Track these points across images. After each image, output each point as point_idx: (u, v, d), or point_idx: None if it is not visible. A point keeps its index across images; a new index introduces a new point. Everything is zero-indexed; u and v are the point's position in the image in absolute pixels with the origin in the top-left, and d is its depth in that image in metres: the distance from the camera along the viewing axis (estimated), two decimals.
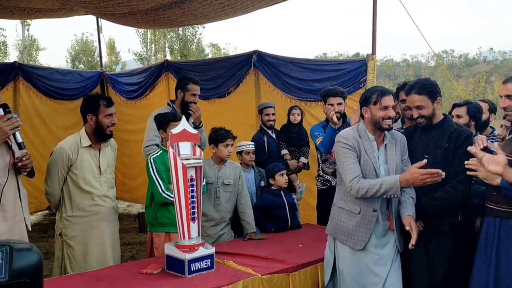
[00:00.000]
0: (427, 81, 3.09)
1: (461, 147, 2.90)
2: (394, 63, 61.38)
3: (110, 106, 3.43)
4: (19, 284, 1.68)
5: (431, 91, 3.01)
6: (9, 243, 1.72)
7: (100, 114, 3.39)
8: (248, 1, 4.93)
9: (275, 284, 3.05)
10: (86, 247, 3.38)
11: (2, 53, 26.89)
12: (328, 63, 5.85)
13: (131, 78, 7.79)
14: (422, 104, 3.00)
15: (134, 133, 7.35)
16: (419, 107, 3.01)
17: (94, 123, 3.40)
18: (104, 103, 3.41)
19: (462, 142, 2.92)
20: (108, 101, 3.45)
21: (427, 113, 3.01)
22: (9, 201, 2.85)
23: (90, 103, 3.42)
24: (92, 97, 3.50)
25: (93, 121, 3.40)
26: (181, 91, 4.38)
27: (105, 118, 3.40)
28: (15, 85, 6.92)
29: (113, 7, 5.10)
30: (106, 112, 3.40)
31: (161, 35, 29.04)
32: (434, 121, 3.05)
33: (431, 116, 3.02)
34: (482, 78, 44.98)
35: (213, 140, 3.93)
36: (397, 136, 3.06)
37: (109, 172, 3.54)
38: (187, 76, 4.78)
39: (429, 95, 3.00)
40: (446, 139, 2.97)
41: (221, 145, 3.89)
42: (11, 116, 2.78)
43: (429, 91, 3.00)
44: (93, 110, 3.39)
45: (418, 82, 3.08)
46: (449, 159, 2.93)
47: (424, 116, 3.02)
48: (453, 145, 2.94)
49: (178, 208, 2.95)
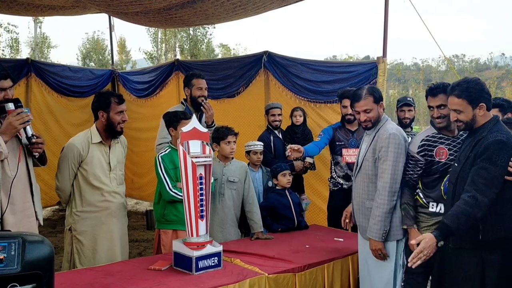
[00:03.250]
0: (472, 83, 2.74)
1: (482, 154, 2.64)
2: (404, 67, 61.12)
3: (121, 104, 3.46)
4: (31, 275, 1.71)
5: (472, 96, 2.70)
6: (21, 235, 1.76)
7: (111, 111, 3.42)
8: (259, 2, 4.95)
9: (281, 284, 3.06)
10: (95, 242, 3.42)
11: (14, 50, 27.14)
12: (338, 65, 5.84)
13: (142, 77, 7.84)
14: (459, 109, 2.74)
15: (144, 131, 7.39)
16: (457, 111, 2.76)
17: (105, 120, 3.43)
18: (115, 100, 3.44)
19: (484, 149, 2.64)
20: (119, 99, 3.48)
21: (465, 118, 2.74)
22: (18, 194, 2.88)
23: (102, 100, 3.45)
24: (104, 94, 3.54)
25: (104, 118, 3.43)
26: (187, 88, 4.44)
27: (116, 115, 3.43)
28: (27, 81, 6.99)
29: (126, 6, 5.14)
30: (117, 109, 3.43)
31: (171, 34, 29.15)
32: (475, 126, 2.78)
33: (470, 122, 2.75)
34: (493, 83, 44.66)
35: (215, 138, 3.94)
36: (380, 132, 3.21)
37: (119, 168, 3.57)
38: (190, 72, 4.83)
39: (469, 100, 2.71)
40: (471, 147, 2.73)
41: (223, 142, 3.90)
42: (21, 111, 2.80)
43: (469, 96, 2.71)
44: (104, 107, 3.42)
45: (461, 84, 2.76)
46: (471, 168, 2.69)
47: (462, 121, 2.76)
48: (476, 153, 2.69)
49: (187, 206, 2.97)
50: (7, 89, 2.81)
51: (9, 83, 2.84)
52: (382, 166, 3.13)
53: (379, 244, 3.13)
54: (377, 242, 3.13)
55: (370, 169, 3.19)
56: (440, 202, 3.06)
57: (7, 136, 2.75)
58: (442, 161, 3.05)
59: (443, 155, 3.06)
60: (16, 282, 1.67)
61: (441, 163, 3.05)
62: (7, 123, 2.76)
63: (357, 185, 3.32)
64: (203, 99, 4.36)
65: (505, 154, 2.59)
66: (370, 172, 3.20)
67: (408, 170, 3.15)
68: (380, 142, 3.16)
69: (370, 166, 3.20)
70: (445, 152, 3.06)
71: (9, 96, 2.83)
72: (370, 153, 3.20)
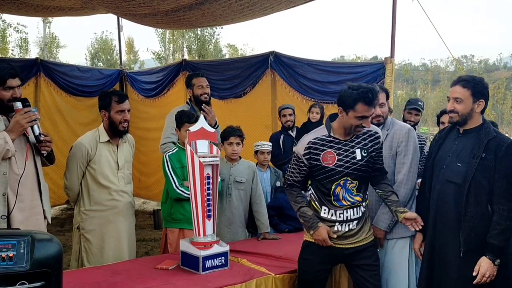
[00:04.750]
0: (479, 79, 2.81)
1: (503, 160, 2.63)
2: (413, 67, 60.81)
3: (122, 103, 3.44)
4: (40, 273, 1.73)
5: (477, 89, 2.73)
6: (31, 233, 1.78)
7: (112, 110, 3.42)
8: (267, 3, 4.95)
9: (288, 284, 3.06)
10: (103, 241, 3.44)
11: (24, 49, 27.34)
12: (345, 65, 5.86)
13: (150, 77, 7.87)
14: (461, 97, 2.73)
15: (151, 131, 7.42)
16: (457, 99, 2.75)
17: (107, 119, 3.45)
18: (115, 100, 3.43)
19: (505, 153, 2.63)
20: (120, 98, 3.46)
21: (463, 110, 2.74)
22: (26, 192, 2.91)
23: (103, 100, 3.47)
24: (105, 94, 3.55)
25: (106, 117, 3.45)
26: (189, 89, 4.49)
27: (117, 114, 3.42)
28: (36, 81, 7.04)
29: (134, 8, 5.17)
30: (117, 108, 3.42)
31: (179, 35, 29.21)
32: (470, 125, 2.79)
33: (466, 115, 2.75)
34: (502, 84, 44.31)
35: (221, 138, 3.96)
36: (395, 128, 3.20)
37: (127, 167, 3.59)
38: (190, 73, 4.88)
39: (473, 92, 2.72)
40: (482, 147, 2.67)
41: (226, 143, 3.90)
42: (28, 110, 2.83)
43: (474, 87, 2.73)
44: (105, 106, 3.44)
45: (469, 77, 2.81)
46: (490, 171, 2.65)
47: (458, 113, 2.76)
48: (492, 155, 2.65)
49: (194, 205, 2.98)
50: (15, 88, 2.84)
51: (17, 82, 2.86)
52: (402, 160, 3.13)
53: (382, 233, 3.13)
54: (382, 231, 3.12)
55: (387, 166, 3.13)
56: (332, 208, 2.88)
57: (14, 134, 2.79)
58: (329, 167, 2.81)
59: (330, 160, 2.82)
60: (25, 279, 1.69)
61: (328, 169, 2.82)
62: (14, 121, 2.80)
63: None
64: (206, 97, 4.41)
65: None
66: (387, 169, 3.14)
67: (293, 171, 2.94)
68: (398, 138, 3.17)
69: (387, 163, 3.13)
70: (333, 157, 2.82)
71: (17, 95, 2.85)
72: (386, 150, 3.16)
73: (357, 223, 2.89)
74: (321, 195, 2.90)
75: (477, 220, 2.68)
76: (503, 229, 2.63)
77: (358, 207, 2.88)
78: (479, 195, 2.67)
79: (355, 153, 2.84)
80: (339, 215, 2.86)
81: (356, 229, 2.89)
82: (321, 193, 2.90)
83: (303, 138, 2.95)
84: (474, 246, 2.69)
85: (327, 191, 2.86)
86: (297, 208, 2.95)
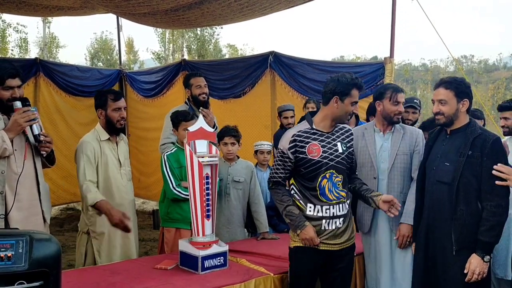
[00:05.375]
0: (460, 79, 2.89)
1: (489, 156, 2.68)
2: (412, 67, 60.74)
3: (118, 101, 3.45)
4: (38, 273, 1.72)
5: (460, 89, 2.81)
6: (29, 233, 1.77)
7: (108, 109, 3.43)
8: (266, 3, 4.95)
9: (287, 284, 3.06)
10: (114, 239, 3.42)
11: (23, 49, 27.32)
12: (345, 65, 5.87)
13: (149, 77, 7.88)
14: (445, 99, 2.81)
15: (150, 131, 7.43)
16: (442, 101, 2.82)
17: (104, 117, 3.45)
18: (111, 98, 3.43)
19: (490, 150, 2.68)
20: (115, 96, 3.47)
21: (448, 111, 2.81)
22: (25, 192, 2.90)
23: (99, 98, 3.47)
24: (101, 92, 3.55)
25: (102, 115, 3.45)
26: (187, 89, 4.50)
27: (113, 112, 3.43)
28: (35, 81, 7.05)
29: (134, 7, 5.17)
30: (114, 106, 3.43)
31: (179, 35, 29.20)
32: (456, 125, 2.85)
33: (452, 116, 2.82)
34: (502, 84, 44.26)
35: (217, 138, 3.95)
36: (409, 129, 3.36)
37: (127, 164, 3.60)
38: (187, 73, 4.87)
39: (456, 93, 2.80)
40: (468, 145, 2.73)
41: (221, 143, 3.90)
42: (27, 109, 2.83)
43: (457, 88, 2.80)
44: (102, 105, 3.44)
45: (450, 78, 2.89)
46: (477, 168, 2.70)
47: (443, 114, 2.83)
48: (478, 152, 2.70)
49: (193, 205, 2.98)
50: (14, 88, 2.84)
51: (17, 82, 2.86)
52: (420, 159, 3.21)
53: (411, 228, 3.15)
54: (410, 226, 3.15)
55: (408, 163, 3.28)
56: (318, 204, 2.85)
57: (12, 133, 2.78)
58: (315, 159, 2.82)
59: (315, 152, 2.83)
60: (24, 279, 1.69)
61: (314, 161, 2.82)
62: (12, 120, 2.80)
63: (391, 182, 3.29)
64: (204, 96, 4.42)
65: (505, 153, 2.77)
66: (406, 166, 3.28)
67: (278, 168, 2.92)
68: (415, 137, 3.32)
69: (407, 160, 3.28)
70: (318, 149, 2.84)
71: (17, 95, 2.85)
72: (405, 148, 3.29)
73: (343, 220, 2.90)
74: (306, 192, 2.88)
75: (468, 218, 2.70)
76: (492, 225, 2.65)
77: (343, 203, 2.90)
78: (468, 193, 2.70)
79: (337, 146, 2.89)
80: (326, 211, 2.84)
81: (342, 228, 2.89)
82: (306, 189, 2.88)
83: (286, 134, 2.96)
84: (466, 244, 2.71)
85: (312, 184, 2.84)
86: (283, 207, 2.90)
